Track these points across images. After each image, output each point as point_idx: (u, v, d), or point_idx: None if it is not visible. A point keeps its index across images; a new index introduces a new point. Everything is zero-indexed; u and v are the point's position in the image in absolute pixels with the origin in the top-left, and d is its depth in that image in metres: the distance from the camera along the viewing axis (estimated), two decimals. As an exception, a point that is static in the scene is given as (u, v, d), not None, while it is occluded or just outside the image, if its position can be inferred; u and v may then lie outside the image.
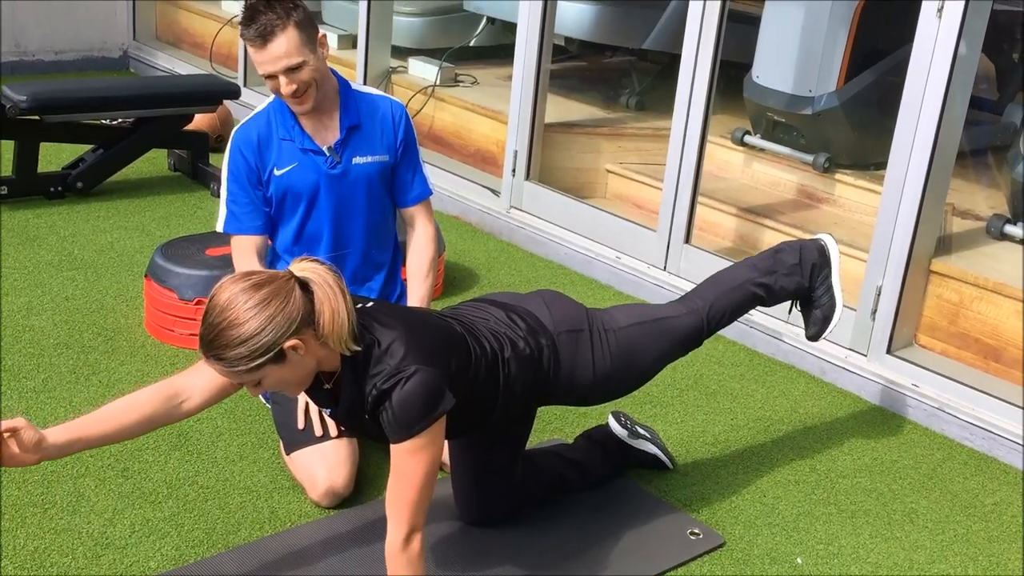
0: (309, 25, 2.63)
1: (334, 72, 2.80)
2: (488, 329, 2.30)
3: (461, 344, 2.20)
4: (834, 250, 2.76)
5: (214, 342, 1.94)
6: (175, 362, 3.17)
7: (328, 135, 2.78)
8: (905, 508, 2.81)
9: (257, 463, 2.73)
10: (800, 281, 2.70)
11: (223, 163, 2.78)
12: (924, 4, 3.12)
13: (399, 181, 2.89)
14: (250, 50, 2.64)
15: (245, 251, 2.78)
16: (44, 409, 2.87)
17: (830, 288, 2.73)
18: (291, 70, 2.61)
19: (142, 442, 2.75)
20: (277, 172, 2.76)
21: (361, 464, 2.67)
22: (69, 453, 2.09)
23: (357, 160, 2.80)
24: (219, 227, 2.82)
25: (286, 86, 2.63)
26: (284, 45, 2.59)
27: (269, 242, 2.87)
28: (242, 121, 2.81)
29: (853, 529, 2.69)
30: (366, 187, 2.83)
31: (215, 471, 2.68)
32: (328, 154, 2.77)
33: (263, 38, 2.58)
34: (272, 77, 2.63)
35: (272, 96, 2.78)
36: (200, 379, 2.15)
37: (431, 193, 2.94)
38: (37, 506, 2.48)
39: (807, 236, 2.87)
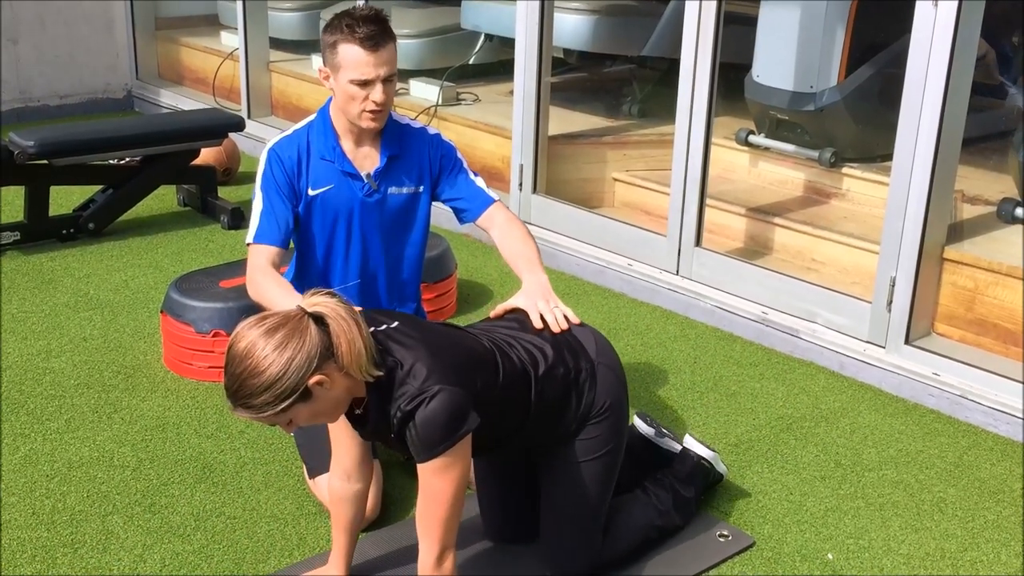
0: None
1: None
2: (522, 346, 2.29)
3: (487, 360, 2.20)
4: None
5: (239, 392, 1.95)
6: (195, 395, 3.18)
7: (367, 162, 2.74)
8: (934, 498, 2.79)
9: (282, 491, 2.74)
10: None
11: (257, 177, 2.70)
12: (919, -8, 3.13)
13: (452, 203, 2.84)
14: (356, 51, 2.56)
15: (263, 261, 2.63)
16: (69, 450, 2.89)
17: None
18: (388, 80, 2.62)
19: (168, 476, 2.76)
20: (312, 191, 2.72)
21: (386, 486, 2.67)
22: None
23: (393, 191, 2.77)
24: (248, 239, 2.66)
25: (380, 94, 2.60)
26: (391, 54, 2.61)
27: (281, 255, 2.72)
28: (278, 137, 2.75)
29: (883, 522, 2.68)
30: (399, 217, 2.80)
31: (241, 501, 2.68)
32: (366, 181, 2.74)
33: (375, 41, 2.57)
34: (367, 84, 2.59)
35: (311, 117, 2.76)
36: (341, 455, 2.29)
37: (494, 200, 2.82)
38: (67, 546, 2.49)
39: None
